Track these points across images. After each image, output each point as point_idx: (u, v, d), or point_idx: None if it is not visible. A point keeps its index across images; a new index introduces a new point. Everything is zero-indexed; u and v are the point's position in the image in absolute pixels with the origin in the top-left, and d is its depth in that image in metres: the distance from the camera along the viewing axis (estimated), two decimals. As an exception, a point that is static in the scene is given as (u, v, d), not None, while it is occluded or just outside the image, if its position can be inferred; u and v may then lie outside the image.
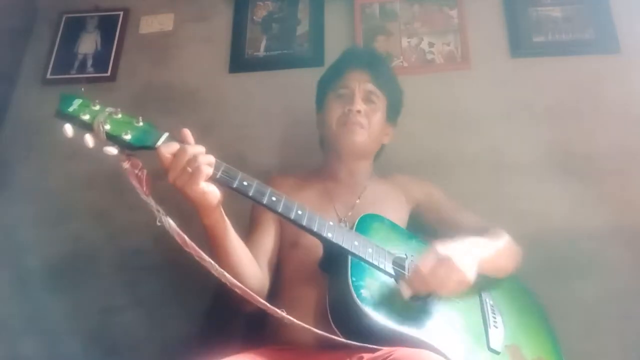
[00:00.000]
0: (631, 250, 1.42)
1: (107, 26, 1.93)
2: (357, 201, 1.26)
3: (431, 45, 1.74)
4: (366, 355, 0.91)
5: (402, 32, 1.77)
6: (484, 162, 1.58)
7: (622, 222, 1.45)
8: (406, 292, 0.98)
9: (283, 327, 1.04)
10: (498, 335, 1.07)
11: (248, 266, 1.05)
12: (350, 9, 1.82)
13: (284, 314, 0.91)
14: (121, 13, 1.95)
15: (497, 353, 1.04)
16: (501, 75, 1.67)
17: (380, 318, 0.93)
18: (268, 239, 1.20)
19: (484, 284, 1.13)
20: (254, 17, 1.87)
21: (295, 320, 0.92)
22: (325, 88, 1.36)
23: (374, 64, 1.35)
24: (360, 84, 1.29)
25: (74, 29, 1.95)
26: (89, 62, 1.89)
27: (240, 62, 1.82)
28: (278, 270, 1.20)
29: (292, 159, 1.64)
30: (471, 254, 1.03)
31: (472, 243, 1.08)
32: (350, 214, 1.23)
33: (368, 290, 0.97)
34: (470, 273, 0.99)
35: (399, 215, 1.26)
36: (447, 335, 0.99)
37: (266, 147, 1.69)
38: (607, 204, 1.47)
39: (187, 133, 0.92)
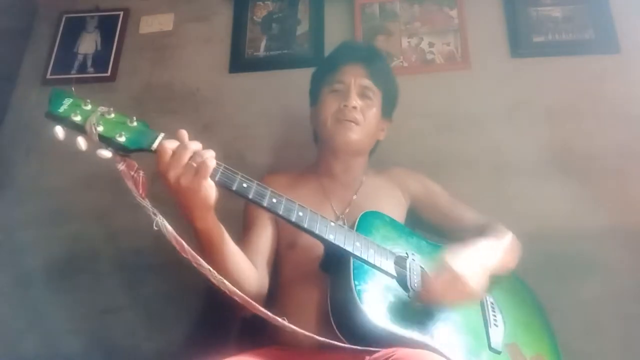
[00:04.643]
0: (631, 250, 1.42)
1: (107, 26, 1.93)
2: (354, 197, 1.25)
3: (431, 45, 1.74)
4: (367, 357, 0.91)
5: (402, 32, 1.77)
6: (484, 162, 1.58)
7: (622, 222, 1.45)
8: (416, 305, 0.98)
9: (282, 328, 1.04)
10: (498, 334, 1.07)
11: (246, 270, 1.04)
12: (350, 9, 1.82)
13: (285, 322, 0.90)
14: (121, 13, 1.95)
15: (498, 352, 1.04)
16: (501, 75, 1.67)
17: (382, 321, 0.93)
18: (264, 238, 1.18)
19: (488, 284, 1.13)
20: (254, 17, 1.87)
21: (296, 328, 0.90)
22: (320, 82, 1.32)
23: (370, 58, 1.32)
24: (355, 79, 1.26)
25: (74, 29, 1.95)
26: (89, 62, 1.89)
27: (240, 62, 1.82)
28: (276, 270, 1.18)
29: (292, 159, 1.64)
30: (482, 265, 1.02)
31: (481, 250, 1.07)
32: (347, 210, 1.22)
33: (370, 293, 0.96)
34: (481, 288, 0.99)
35: (396, 210, 1.25)
36: (449, 336, 0.99)
37: (266, 147, 1.69)
38: (607, 204, 1.47)
39: (184, 133, 0.88)
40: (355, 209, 1.20)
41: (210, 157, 0.86)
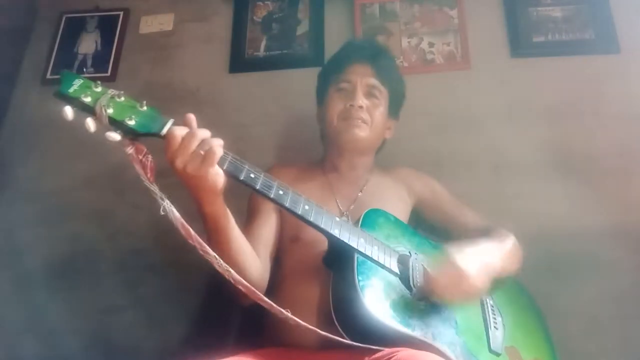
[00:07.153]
0: (631, 250, 1.42)
1: (107, 26, 1.93)
2: (359, 194, 1.25)
3: (431, 45, 1.74)
4: (368, 357, 0.90)
5: (402, 32, 1.77)
6: (484, 162, 1.58)
7: (622, 222, 1.45)
8: (418, 300, 0.97)
9: (282, 328, 1.03)
10: (498, 336, 1.07)
11: (249, 258, 1.03)
12: (350, 9, 1.82)
13: (289, 314, 0.88)
14: (121, 13, 1.95)
15: (498, 355, 1.04)
16: (501, 75, 1.67)
17: (385, 319, 0.92)
18: (268, 229, 1.17)
19: (490, 287, 1.12)
20: (254, 17, 1.87)
21: (300, 322, 0.89)
22: (326, 81, 1.32)
23: (376, 56, 1.31)
24: (362, 78, 1.26)
25: (74, 29, 1.95)
26: (89, 62, 1.89)
27: (240, 62, 1.82)
28: (277, 264, 1.17)
29: (292, 159, 1.64)
30: (485, 265, 1.01)
31: (484, 250, 1.06)
32: (352, 207, 1.22)
33: (373, 289, 0.95)
34: (482, 287, 0.99)
35: (400, 209, 1.25)
36: (450, 336, 0.99)
37: (266, 147, 1.69)
38: (607, 204, 1.47)
39: (192, 119, 0.88)
40: (360, 206, 1.19)
41: (217, 145, 0.85)
